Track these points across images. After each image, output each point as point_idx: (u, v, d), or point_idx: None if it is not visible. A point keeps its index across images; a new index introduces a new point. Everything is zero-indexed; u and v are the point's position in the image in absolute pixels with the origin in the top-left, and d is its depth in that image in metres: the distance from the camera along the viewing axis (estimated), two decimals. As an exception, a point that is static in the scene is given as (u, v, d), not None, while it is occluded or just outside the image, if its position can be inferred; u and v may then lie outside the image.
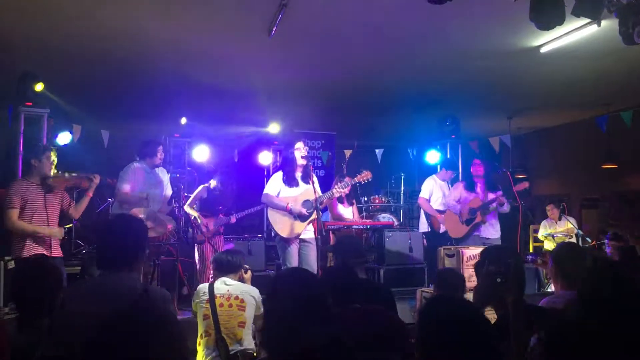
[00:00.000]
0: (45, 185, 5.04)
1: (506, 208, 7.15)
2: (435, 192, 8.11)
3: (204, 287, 4.08)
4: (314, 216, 5.71)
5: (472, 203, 7.15)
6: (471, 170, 7.36)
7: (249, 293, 4.01)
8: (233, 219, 6.91)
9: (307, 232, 5.77)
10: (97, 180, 5.42)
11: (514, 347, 2.32)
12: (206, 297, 3.96)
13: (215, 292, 3.96)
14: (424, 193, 8.18)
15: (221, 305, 3.91)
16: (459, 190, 7.36)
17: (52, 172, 5.12)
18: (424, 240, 8.12)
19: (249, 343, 3.90)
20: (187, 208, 6.48)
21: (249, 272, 4.26)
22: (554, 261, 3.28)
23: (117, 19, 5.65)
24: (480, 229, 7.15)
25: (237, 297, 3.96)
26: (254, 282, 4.28)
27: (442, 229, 7.88)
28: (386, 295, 3.61)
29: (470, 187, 7.27)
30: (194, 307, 4.11)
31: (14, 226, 4.88)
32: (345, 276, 3.03)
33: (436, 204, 8.05)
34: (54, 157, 5.17)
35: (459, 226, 7.22)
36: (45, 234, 4.99)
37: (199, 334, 3.98)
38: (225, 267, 4.13)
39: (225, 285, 4.02)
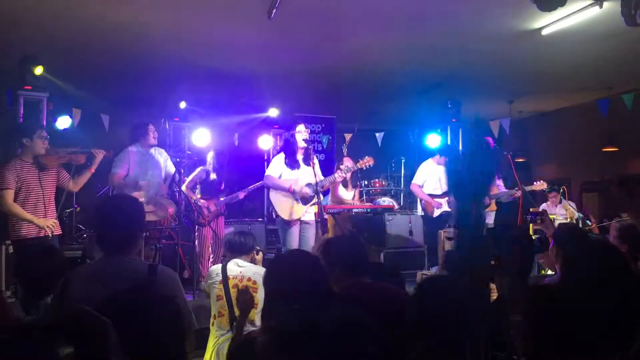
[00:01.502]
0: (38, 164, 5.00)
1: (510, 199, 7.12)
2: (429, 178, 7.97)
3: (216, 268, 4.11)
4: (315, 199, 5.73)
5: (491, 190, 7.01)
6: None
7: (261, 274, 4.03)
8: (241, 195, 6.87)
9: (308, 214, 5.79)
10: (100, 155, 5.38)
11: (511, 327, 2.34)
12: (219, 278, 4.00)
13: (228, 273, 3.99)
14: (416, 179, 7.97)
15: (234, 286, 3.95)
16: None
17: (45, 147, 5.07)
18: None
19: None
20: (184, 188, 6.46)
21: (260, 254, 4.30)
22: (555, 242, 3.30)
23: (117, 3, 5.62)
24: (487, 216, 7.09)
25: (249, 279, 4.00)
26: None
27: (436, 212, 7.83)
28: (395, 278, 3.57)
29: None
30: (206, 289, 4.15)
31: (10, 209, 4.82)
32: (356, 248, 2.99)
33: (429, 188, 7.94)
34: (44, 134, 5.11)
35: None
36: (39, 225, 4.92)
37: (212, 315, 4.02)
38: (237, 249, 4.15)
39: (237, 267, 4.05)
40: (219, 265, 4.14)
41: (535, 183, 7.13)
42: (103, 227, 2.53)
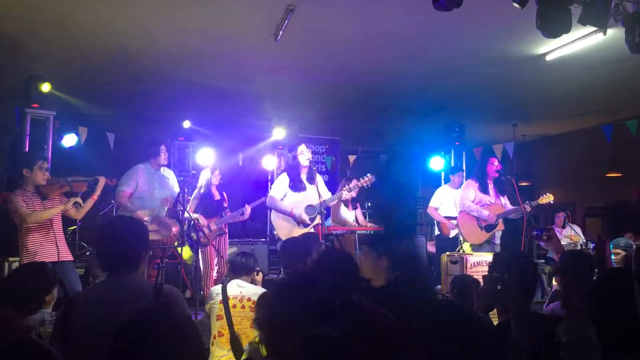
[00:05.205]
0: (39, 193, 4.94)
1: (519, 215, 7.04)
2: (444, 202, 8.08)
3: (217, 288, 4.13)
4: (317, 221, 5.74)
5: (495, 209, 6.91)
6: (488, 169, 7.00)
7: None
8: (248, 209, 6.80)
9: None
10: (102, 182, 5.35)
11: (515, 353, 2.33)
12: (219, 297, 4.01)
13: (229, 293, 4.00)
14: (433, 202, 8.19)
15: (234, 306, 3.97)
16: (474, 190, 6.93)
17: (45, 179, 4.99)
18: (428, 246, 8.15)
19: None
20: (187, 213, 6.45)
21: (260, 274, 4.31)
22: (560, 269, 3.29)
23: (125, 24, 5.70)
24: (495, 236, 6.99)
25: (249, 299, 4.01)
26: (258, 286, 4.29)
27: (452, 233, 7.85)
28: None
29: (484, 188, 6.96)
30: (207, 309, 4.15)
31: (36, 218, 4.77)
32: (345, 265, 2.96)
33: (446, 211, 8.02)
34: (46, 165, 5.06)
35: (478, 232, 6.85)
36: (65, 209, 4.93)
37: (212, 335, 4.01)
38: (238, 269, 4.17)
39: (238, 287, 4.06)
40: (219, 286, 4.15)
41: (542, 196, 7.06)
42: (107, 247, 2.51)
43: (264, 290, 4.14)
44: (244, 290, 4.05)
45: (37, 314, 3.30)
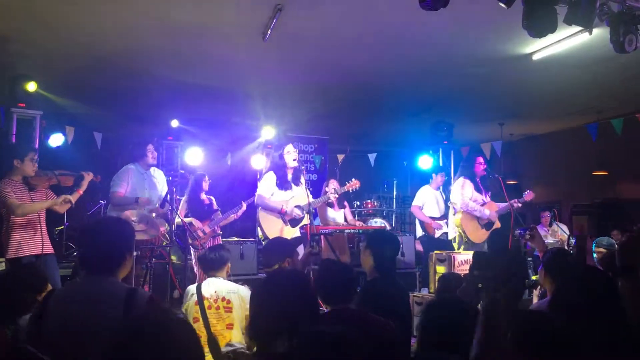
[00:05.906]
0: (27, 184, 4.96)
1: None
2: (427, 202, 8.05)
3: (192, 288, 4.03)
4: (305, 220, 5.75)
5: (492, 207, 7.02)
6: (475, 169, 7.08)
7: (235, 293, 3.97)
8: (244, 205, 6.73)
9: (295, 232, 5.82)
10: (87, 177, 5.33)
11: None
12: (195, 298, 3.93)
13: (204, 293, 3.93)
14: (417, 201, 8.07)
15: (209, 307, 3.89)
16: (471, 188, 7.01)
17: (34, 170, 5.02)
18: (416, 245, 8.16)
19: (239, 342, 3.89)
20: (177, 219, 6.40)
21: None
22: (543, 266, 3.32)
23: (112, 23, 5.67)
24: None
25: (223, 299, 3.92)
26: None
27: (437, 233, 7.86)
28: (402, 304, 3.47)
29: (477, 187, 7.05)
30: (183, 310, 4.08)
31: (23, 210, 4.75)
32: (343, 274, 2.98)
33: (429, 212, 8.00)
34: (36, 157, 5.08)
35: (480, 230, 7.00)
36: (55, 204, 4.93)
37: None
38: (209, 265, 4.09)
39: (212, 286, 3.99)
40: (194, 285, 4.06)
41: (524, 194, 7.16)
42: (88, 247, 2.46)
43: (240, 287, 4.04)
44: (218, 289, 3.96)
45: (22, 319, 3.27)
